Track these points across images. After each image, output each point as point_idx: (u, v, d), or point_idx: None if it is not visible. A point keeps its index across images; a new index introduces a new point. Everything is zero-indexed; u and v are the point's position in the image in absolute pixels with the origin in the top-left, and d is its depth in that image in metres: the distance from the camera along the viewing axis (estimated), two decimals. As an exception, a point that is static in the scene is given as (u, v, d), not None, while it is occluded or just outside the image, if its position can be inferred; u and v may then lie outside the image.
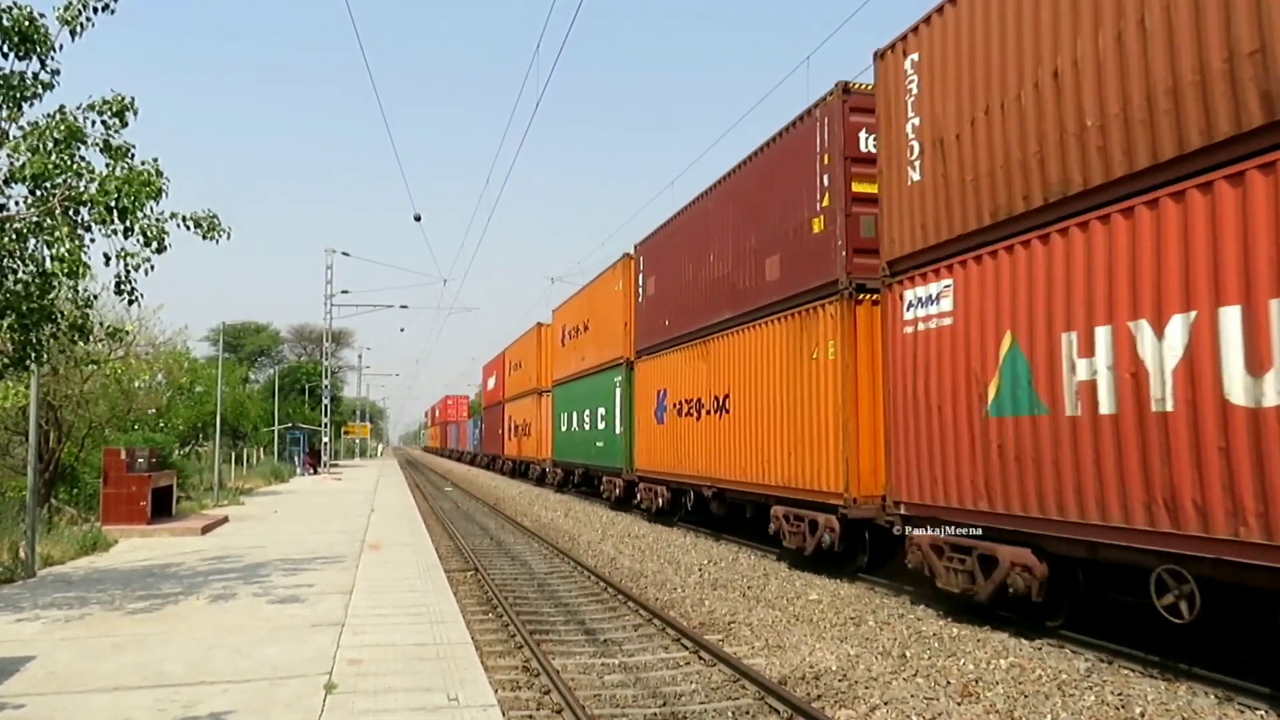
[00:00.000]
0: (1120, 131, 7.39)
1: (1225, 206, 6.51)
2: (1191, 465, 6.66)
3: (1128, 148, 7.32)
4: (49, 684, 6.42)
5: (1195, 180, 6.74)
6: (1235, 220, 6.43)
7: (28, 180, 8.20)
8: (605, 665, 8.28)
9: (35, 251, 8.63)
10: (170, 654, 7.24)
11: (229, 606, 9.25)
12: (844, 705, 6.92)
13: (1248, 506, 6.25)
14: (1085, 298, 7.69)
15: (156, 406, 25.10)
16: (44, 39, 8.58)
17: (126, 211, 8.25)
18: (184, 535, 15.79)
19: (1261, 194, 6.26)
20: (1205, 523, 6.55)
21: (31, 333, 8.93)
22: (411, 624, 8.29)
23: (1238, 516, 6.33)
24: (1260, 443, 6.18)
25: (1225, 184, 6.52)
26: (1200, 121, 6.71)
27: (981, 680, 7.43)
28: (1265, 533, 6.14)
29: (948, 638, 8.89)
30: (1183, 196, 6.84)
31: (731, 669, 7.77)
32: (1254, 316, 6.25)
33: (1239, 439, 6.32)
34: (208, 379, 32.40)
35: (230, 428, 36.59)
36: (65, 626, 8.37)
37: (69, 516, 16.98)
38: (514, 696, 7.21)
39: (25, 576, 11.20)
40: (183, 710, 5.76)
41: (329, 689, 6.18)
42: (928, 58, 9.96)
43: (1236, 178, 6.44)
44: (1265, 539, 6.13)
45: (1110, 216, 7.48)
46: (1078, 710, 6.63)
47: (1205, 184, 6.67)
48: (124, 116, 8.82)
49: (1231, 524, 6.37)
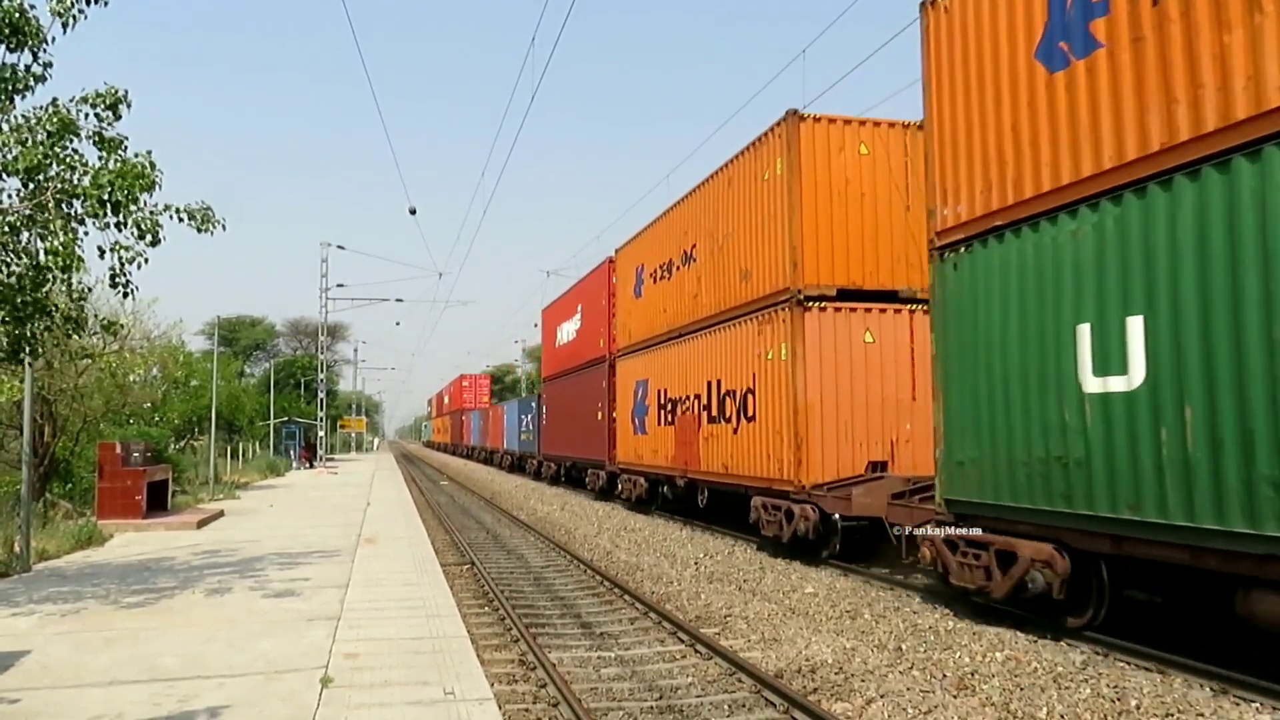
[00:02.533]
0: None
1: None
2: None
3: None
4: (44, 678, 6.40)
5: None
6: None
7: (20, 173, 8.15)
8: (602, 659, 8.28)
9: (29, 244, 8.59)
10: (165, 648, 7.23)
11: (224, 601, 9.24)
12: (840, 698, 6.93)
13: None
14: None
15: (152, 400, 25.10)
16: (35, 31, 8.51)
17: (119, 205, 8.21)
18: (179, 529, 15.77)
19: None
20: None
21: (26, 326, 8.89)
22: (407, 618, 8.28)
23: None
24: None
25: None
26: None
27: (977, 673, 7.44)
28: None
29: (944, 631, 8.90)
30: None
31: (728, 662, 7.77)
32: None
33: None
34: (203, 373, 32.36)
35: (226, 422, 36.54)
36: (60, 621, 8.35)
37: (64, 511, 16.95)
38: (510, 690, 7.21)
39: (20, 571, 11.18)
40: (178, 705, 5.74)
41: (325, 683, 6.17)
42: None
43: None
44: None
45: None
46: (1073, 703, 6.64)
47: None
48: (117, 109, 8.77)
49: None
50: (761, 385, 14.30)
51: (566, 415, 29.72)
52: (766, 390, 14.12)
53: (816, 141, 13.67)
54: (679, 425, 18.22)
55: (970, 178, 9.18)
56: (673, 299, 19.01)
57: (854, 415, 13.28)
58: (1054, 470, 7.96)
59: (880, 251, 13.78)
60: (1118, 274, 7.35)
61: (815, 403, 13.13)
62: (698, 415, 17.14)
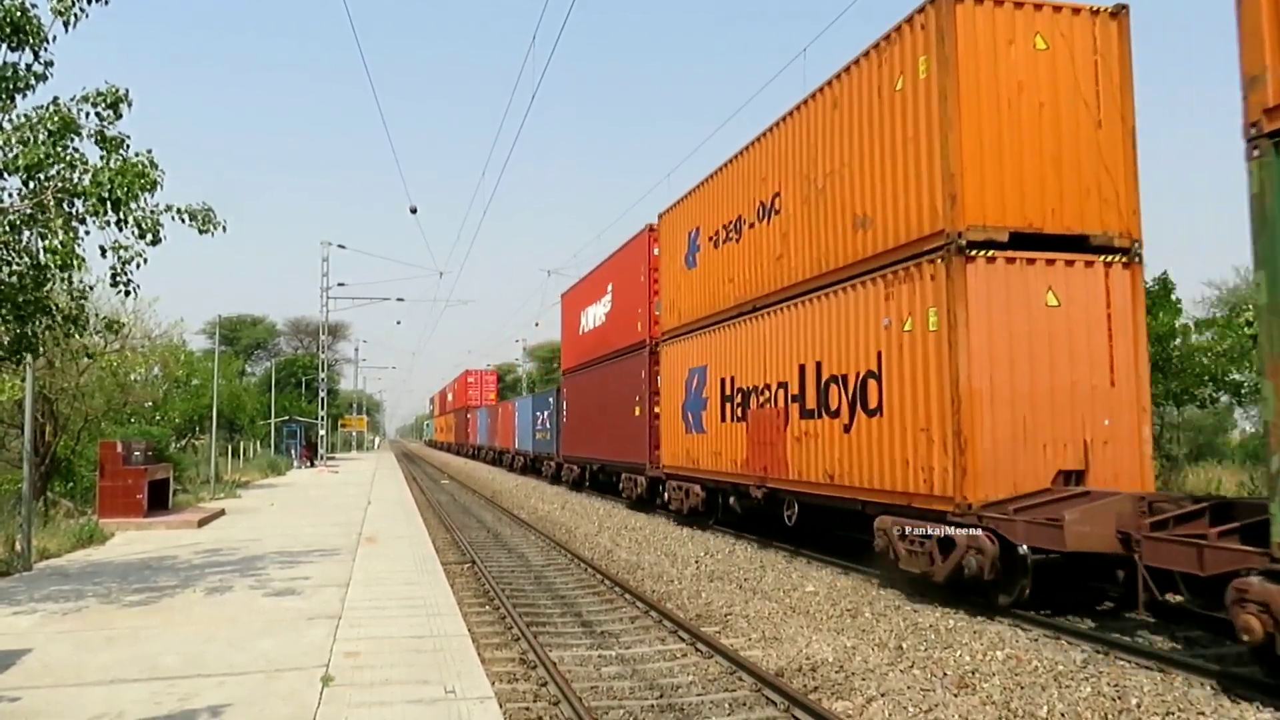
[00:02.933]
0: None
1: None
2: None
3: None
4: (45, 677, 6.41)
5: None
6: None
7: (21, 171, 8.15)
8: (602, 657, 8.29)
9: (29, 243, 8.60)
10: (166, 647, 7.23)
11: (225, 599, 9.24)
12: (841, 697, 6.93)
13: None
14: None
15: (153, 399, 25.09)
16: (37, 30, 8.51)
17: (120, 202, 8.21)
18: (180, 528, 15.78)
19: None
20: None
21: (27, 324, 8.90)
22: (408, 616, 8.28)
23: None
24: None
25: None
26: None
27: (978, 672, 7.44)
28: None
29: (944, 629, 8.90)
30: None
31: (728, 661, 7.77)
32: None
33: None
34: (204, 372, 32.39)
35: (227, 421, 36.56)
36: (61, 619, 8.36)
37: (65, 510, 16.97)
38: (511, 689, 7.22)
39: (21, 569, 11.18)
40: (179, 703, 5.75)
41: (325, 681, 6.18)
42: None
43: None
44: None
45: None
46: (1074, 701, 6.64)
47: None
48: (118, 108, 8.76)
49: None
50: (892, 367, 10.85)
51: (593, 411, 26.16)
52: (900, 374, 10.68)
53: (979, 30, 10.15)
54: (753, 422, 14.75)
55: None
56: (743, 265, 15.41)
57: (1035, 407, 9.86)
58: None
59: (1065, 183, 10.26)
60: None
61: (983, 390, 9.69)
62: (784, 409, 13.64)
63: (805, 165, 13.26)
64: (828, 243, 12.54)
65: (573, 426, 29.43)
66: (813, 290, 12.87)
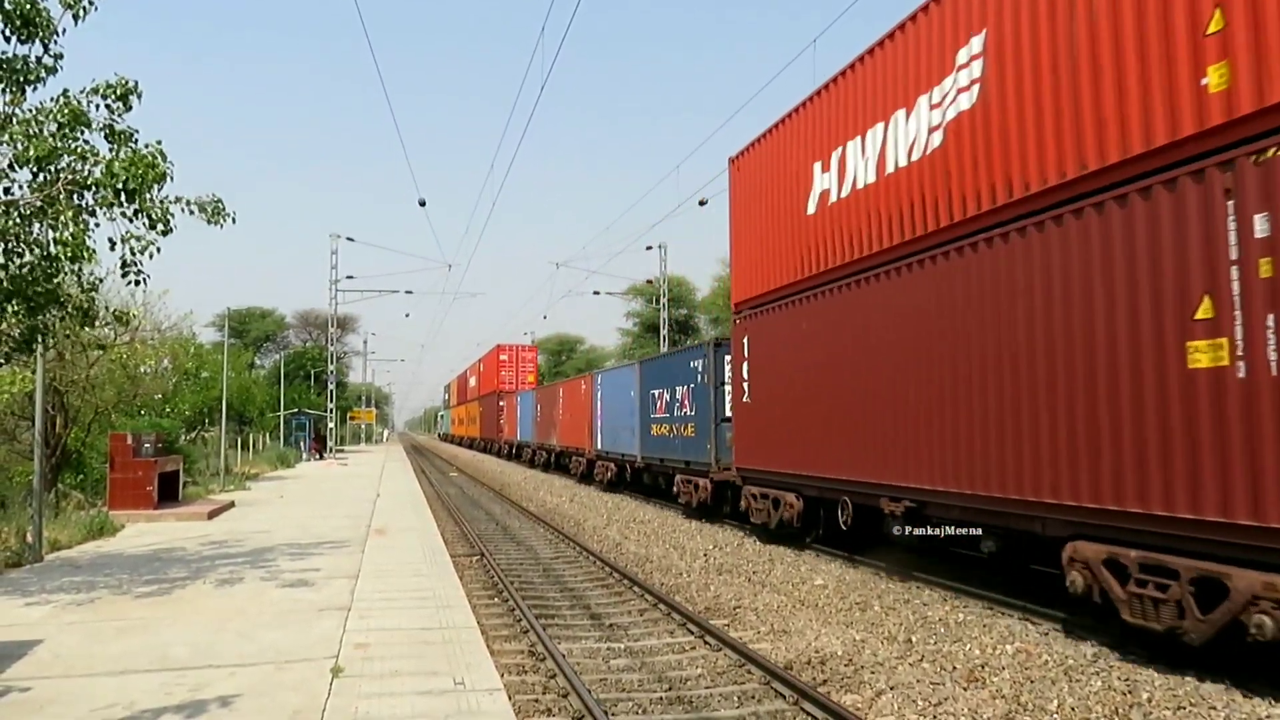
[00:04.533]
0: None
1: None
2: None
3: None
4: (56, 667, 6.44)
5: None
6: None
7: (31, 163, 8.18)
8: (611, 650, 8.29)
9: (40, 235, 8.63)
10: (177, 638, 7.26)
11: (235, 591, 9.27)
12: (850, 690, 6.92)
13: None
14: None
15: (162, 392, 25.19)
16: (46, 22, 8.54)
17: (135, 192, 8.23)
18: (190, 520, 15.84)
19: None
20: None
21: (38, 316, 8.93)
22: (417, 608, 8.29)
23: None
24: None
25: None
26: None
27: (988, 665, 7.41)
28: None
29: (954, 623, 8.87)
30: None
31: (737, 654, 7.76)
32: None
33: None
34: (213, 364, 32.48)
35: (236, 413, 36.72)
36: (72, 610, 8.39)
37: (76, 501, 17.07)
38: (520, 680, 7.22)
39: (33, 561, 11.24)
40: (189, 693, 5.76)
41: (335, 672, 6.19)
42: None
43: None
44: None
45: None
46: (1084, 695, 6.61)
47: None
48: (128, 100, 8.78)
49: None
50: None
51: (844, 378, 11.75)
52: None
53: None
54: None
55: None
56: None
57: None
58: None
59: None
60: None
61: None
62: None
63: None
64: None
65: (766, 414, 14.34)
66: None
